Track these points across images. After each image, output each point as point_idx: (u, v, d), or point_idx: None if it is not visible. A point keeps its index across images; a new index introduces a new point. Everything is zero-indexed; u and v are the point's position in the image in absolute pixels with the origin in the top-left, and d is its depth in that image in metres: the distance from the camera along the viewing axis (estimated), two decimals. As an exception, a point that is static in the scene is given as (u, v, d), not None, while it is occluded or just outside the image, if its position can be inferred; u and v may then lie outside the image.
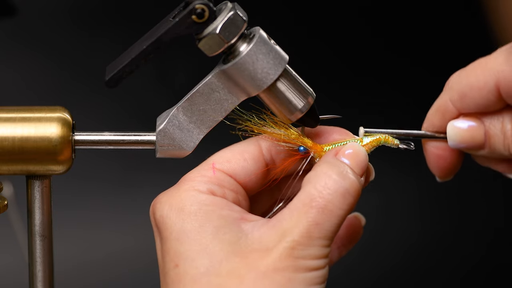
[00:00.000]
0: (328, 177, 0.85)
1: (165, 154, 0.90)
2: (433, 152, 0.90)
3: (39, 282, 0.92)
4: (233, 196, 0.89)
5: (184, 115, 0.90)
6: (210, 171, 0.88)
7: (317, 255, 0.83)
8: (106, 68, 0.89)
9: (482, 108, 0.86)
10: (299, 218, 0.84)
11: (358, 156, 0.87)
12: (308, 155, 0.91)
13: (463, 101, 0.86)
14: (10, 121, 0.89)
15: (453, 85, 0.87)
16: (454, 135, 0.88)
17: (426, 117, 0.91)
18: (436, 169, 0.91)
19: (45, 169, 0.89)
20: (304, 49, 2.00)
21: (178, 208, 0.86)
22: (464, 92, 0.86)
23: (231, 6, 0.87)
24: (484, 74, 0.84)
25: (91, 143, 0.90)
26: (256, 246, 0.83)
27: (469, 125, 0.87)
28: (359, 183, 0.85)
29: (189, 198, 0.86)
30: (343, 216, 0.84)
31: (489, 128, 0.86)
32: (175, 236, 0.85)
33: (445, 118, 0.88)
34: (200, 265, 0.83)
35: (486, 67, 0.84)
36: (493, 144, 0.86)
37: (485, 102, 0.85)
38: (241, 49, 0.87)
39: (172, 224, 0.85)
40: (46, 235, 0.91)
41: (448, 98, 0.87)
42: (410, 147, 0.93)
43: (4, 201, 0.91)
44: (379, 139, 0.92)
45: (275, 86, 0.88)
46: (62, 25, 1.95)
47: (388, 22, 2.05)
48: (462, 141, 0.87)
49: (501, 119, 0.86)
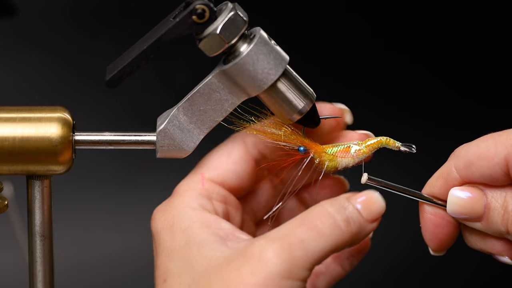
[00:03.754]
0: (325, 210, 0.85)
1: (166, 154, 0.90)
2: (430, 219, 0.89)
3: (39, 282, 0.92)
4: (222, 208, 0.90)
5: (185, 115, 0.90)
6: (199, 183, 0.90)
7: (294, 276, 0.83)
8: (107, 68, 0.89)
9: (486, 179, 0.85)
10: (284, 233, 0.83)
11: (372, 203, 0.86)
12: (308, 155, 0.91)
13: (468, 169, 0.85)
14: (11, 121, 0.89)
15: (460, 153, 0.86)
16: (454, 203, 0.86)
17: (427, 182, 0.90)
18: (431, 238, 0.89)
19: (45, 169, 0.89)
20: (305, 50, 2.00)
21: (169, 225, 0.88)
22: (471, 161, 0.85)
23: (232, 7, 0.87)
24: (496, 145, 0.83)
25: (91, 143, 0.90)
26: (236, 262, 0.84)
27: (471, 194, 0.86)
28: (359, 222, 0.85)
29: (179, 215, 0.88)
30: (328, 243, 0.83)
31: (491, 201, 0.85)
32: (166, 253, 0.87)
33: (447, 185, 0.87)
34: (183, 281, 0.85)
35: (499, 139, 0.83)
36: (492, 217, 0.85)
37: (491, 173, 0.84)
38: (241, 49, 0.87)
39: (163, 241, 0.88)
40: (46, 235, 0.91)
41: (453, 165, 0.86)
42: (411, 149, 0.92)
43: (4, 201, 0.91)
44: (381, 141, 0.92)
45: (276, 87, 0.88)
46: (62, 25, 1.95)
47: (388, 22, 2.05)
48: (462, 210, 0.86)
49: (504, 194, 0.85)
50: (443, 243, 0.89)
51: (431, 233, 0.89)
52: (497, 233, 0.86)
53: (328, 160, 0.91)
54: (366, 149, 0.92)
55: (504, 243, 0.87)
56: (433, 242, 0.89)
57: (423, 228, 0.89)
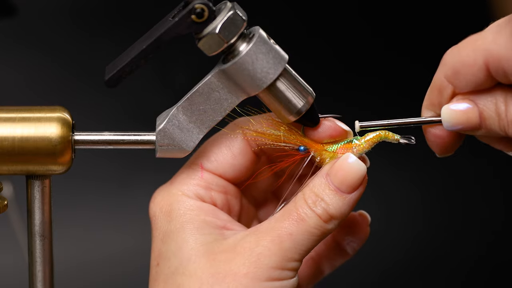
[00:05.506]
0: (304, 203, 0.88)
1: (165, 154, 0.90)
2: (432, 132, 0.90)
3: (39, 282, 0.92)
4: (221, 198, 0.92)
5: (184, 114, 0.90)
6: (199, 173, 0.90)
7: (284, 266, 0.85)
8: (106, 68, 0.89)
9: (474, 86, 0.86)
10: (273, 226, 0.87)
11: (348, 174, 0.88)
12: (308, 154, 0.91)
13: (456, 77, 0.86)
14: (10, 121, 0.89)
15: (446, 61, 0.87)
16: (449, 118, 0.87)
17: (425, 96, 0.91)
18: (435, 148, 0.91)
19: (45, 169, 0.89)
20: (304, 49, 2.00)
21: (166, 211, 0.90)
22: (456, 69, 0.86)
23: (231, 6, 0.87)
24: (474, 52, 0.84)
25: (91, 143, 0.90)
26: (226, 249, 0.86)
27: (463, 107, 0.86)
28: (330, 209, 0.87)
29: (177, 203, 0.90)
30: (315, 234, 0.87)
31: (483, 110, 0.86)
32: (161, 237, 0.89)
33: (442, 94, 0.88)
34: (172, 265, 0.87)
35: (475, 44, 0.84)
36: (489, 125, 0.86)
37: (476, 79, 0.85)
38: (240, 48, 0.87)
39: (160, 225, 0.90)
40: (46, 235, 0.91)
41: (442, 74, 0.87)
42: (411, 141, 0.92)
43: (4, 201, 0.91)
44: (380, 135, 0.92)
45: (275, 86, 0.88)
46: (62, 25, 1.95)
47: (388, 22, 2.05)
48: (457, 123, 0.87)
49: (494, 101, 0.86)
50: (448, 148, 0.90)
51: (435, 143, 0.90)
52: (499, 136, 0.87)
53: (328, 157, 0.91)
54: (366, 144, 0.92)
55: (509, 140, 0.89)
56: (438, 149, 0.91)
57: (428, 140, 0.91)
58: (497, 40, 0.82)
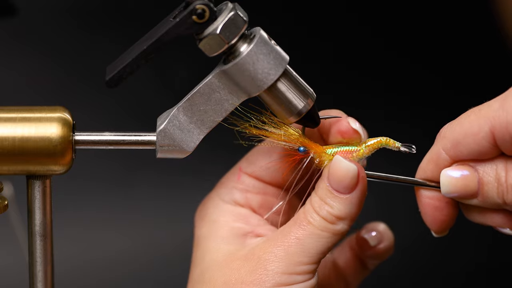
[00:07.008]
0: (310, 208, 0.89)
1: (166, 155, 0.90)
2: (428, 203, 0.89)
3: (39, 282, 0.92)
4: (259, 199, 0.93)
5: (185, 115, 0.90)
6: (236, 176, 0.94)
7: (292, 271, 0.86)
8: (107, 68, 0.89)
9: (475, 155, 0.85)
10: (282, 233, 0.88)
11: (339, 174, 0.89)
12: (308, 155, 0.91)
13: (456, 148, 0.85)
14: (10, 121, 0.89)
15: (445, 134, 0.86)
16: (447, 183, 0.87)
17: (419, 167, 0.90)
18: (432, 222, 0.90)
19: (45, 169, 0.89)
20: (305, 50, 2.00)
21: (202, 216, 0.93)
22: (457, 140, 0.85)
23: (232, 7, 0.87)
24: (478, 120, 0.83)
25: (91, 143, 0.91)
26: (239, 258, 0.88)
27: (462, 173, 0.86)
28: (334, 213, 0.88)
29: (212, 207, 0.93)
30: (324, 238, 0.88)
31: (483, 176, 0.85)
32: (195, 242, 0.92)
33: (439, 167, 0.88)
34: (195, 272, 0.90)
35: (480, 113, 0.84)
36: (487, 192, 0.85)
37: (479, 148, 0.84)
38: (241, 49, 0.87)
39: (196, 229, 0.93)
40: (46, 235, 0.91)
41: (441, 147, 0.87)
42: (411, 150, 0.92)
43: (4, 201, 0.91)
44: (380, 142, 0.92)
45: (276, 87, 0.88)
46: (62, 25, 1.95)
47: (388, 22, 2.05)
48: (455, 190, 0.86)
49: (494, 167, 0.85)
50: (444, 224, 0.90)
51: (431, 216, 0.90)
52: (495, 206, 0.86)
53: (328, 160, 0.91)
54: (366, 149, 0.92)
55: (504, 215, 0.87)
56: (434, 224, 0.90)
57: (423, 212, 0.90)
58: (504, 106, 0.82)
